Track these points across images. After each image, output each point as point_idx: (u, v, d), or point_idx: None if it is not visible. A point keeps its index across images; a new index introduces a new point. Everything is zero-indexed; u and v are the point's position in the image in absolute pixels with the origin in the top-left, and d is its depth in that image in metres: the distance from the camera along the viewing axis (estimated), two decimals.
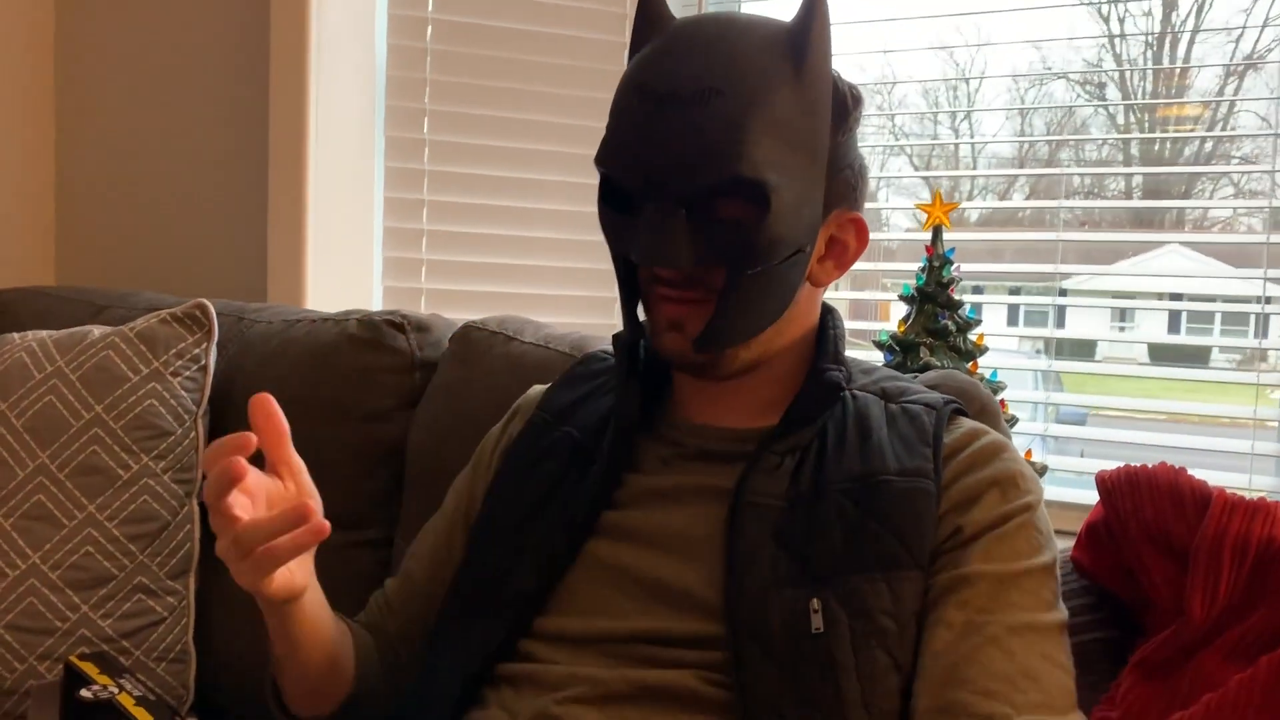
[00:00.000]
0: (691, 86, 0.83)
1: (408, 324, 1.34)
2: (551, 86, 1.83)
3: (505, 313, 1.41)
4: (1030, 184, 2.33)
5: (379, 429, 1.30)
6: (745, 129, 0.82)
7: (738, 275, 0.86)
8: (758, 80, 0.83)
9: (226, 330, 1.42)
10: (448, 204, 1.83)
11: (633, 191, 0.87)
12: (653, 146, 0.84)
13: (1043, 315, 3.69)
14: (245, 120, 1.76)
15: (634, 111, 0.85)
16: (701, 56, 0.84)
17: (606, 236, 0.93)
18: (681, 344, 0.90)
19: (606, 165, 0.89)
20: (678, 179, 0.84)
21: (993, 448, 0.92)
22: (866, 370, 1.02)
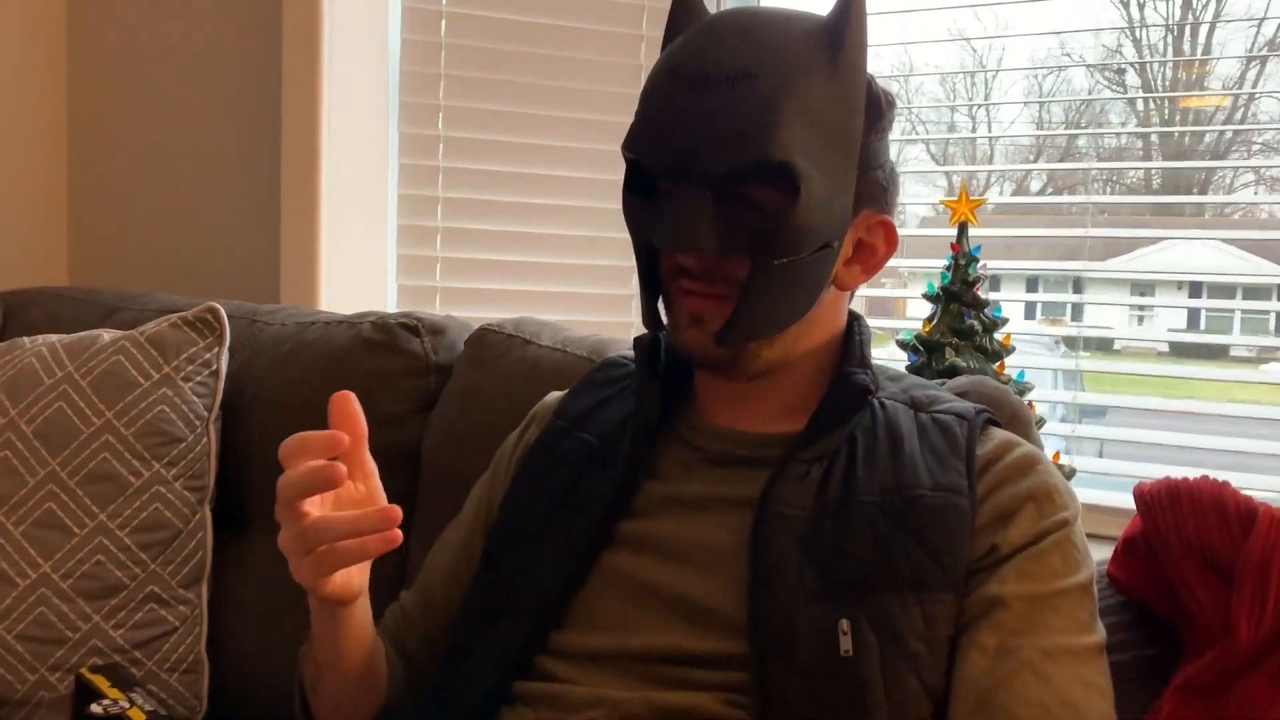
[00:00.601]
0: (723, 70, 0.81)
1: (422, 327, 1.31)
2: (567, 81, 1.79)
3: (522, 311, 1.38)
4: (1048, 173, 2.29)
5: (394, 433, 1.28)
6: (777, 111, 0.80)
7: (763, 265, 0.83)
8: (791, 66, 0.81)
9: (238, 333, 1.40)
10: (463, 200, 1.81)
11: (658, 174, 0.86)
12: (681, 127, 0.81)
13: (1060, 308, 3.65)
14: (257, 120, 1.74)
15: (664, 95, 0.83)
16: (735, 42, 0.82)
17: (629, 225, 0.91)
18: (702, 339, 0.87)
19: (634, 149, 0.86)
20: (705, 160, 0.81)
21: (1027, 460, 0.88)
22: (894, 377, 0.99)
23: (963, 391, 1.06)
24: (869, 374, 0.92)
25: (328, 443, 0.75)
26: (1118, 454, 1.84)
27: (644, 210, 0.88)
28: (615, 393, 1.02)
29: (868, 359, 0.94)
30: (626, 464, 0.92)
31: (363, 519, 0.75)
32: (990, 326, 1.55)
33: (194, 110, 1.79)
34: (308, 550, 0.74)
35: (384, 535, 0.74)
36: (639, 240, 0.90)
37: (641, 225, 0.89)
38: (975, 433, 0.90)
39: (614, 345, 1.24)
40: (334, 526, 0.74)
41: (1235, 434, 1.65)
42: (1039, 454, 0.90)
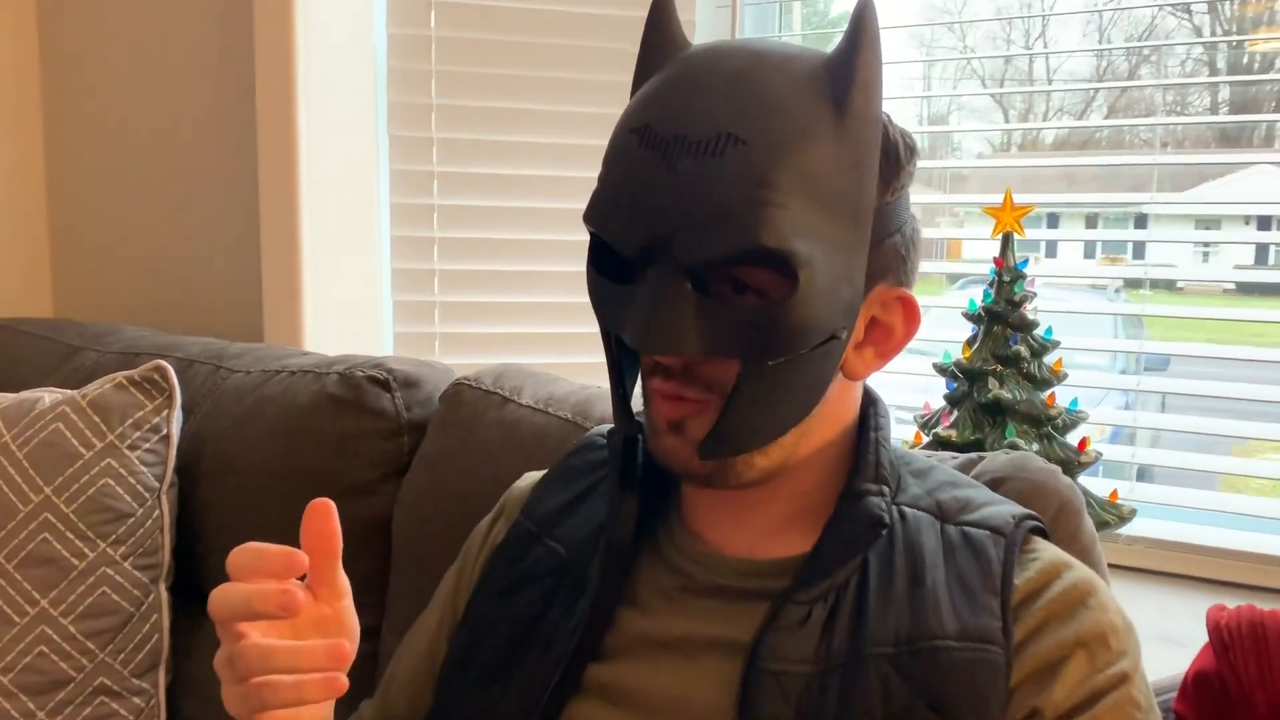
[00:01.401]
0: (704, 131, 0.65)
1: (393, 380, 1.17)
2: (568, 104, 1.64)
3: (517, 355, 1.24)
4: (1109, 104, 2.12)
5: (362, 504, 1.15)
6: (770, 186, 0.64)
7: (755, 367, 0.68)
8: (789, 126, 0.66)
9: (201, 381, 1.28)
10: (460, 240, 1.68)
11: (627, 257, 0.70)
12: (652, 203, 0.66)
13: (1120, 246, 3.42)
14: (234, 145, 1.60)
15: (632, 159, 0.68)
16: (719, 95, 0.67)
17: (595, 307, 0.76)
18: (683, 449, 0.72)
19: (596, 224, 0.71)
20: (683, 246, 0.66)
21: (1077, 593, 0.72)
22: (919, 472, 0.83)
23: (1002, 478, 0.90)
24: (885, 491, 0.76)
25: (286, 563, 0.64)
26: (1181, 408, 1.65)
27: (612, 294, 0.73)
28: (590, 487, 0.88)
29: (883, 465, 0.78)
30: (597, 594, 0.78)
31: (305, 654, 0.63)
32: (1039, 351, 1.37)
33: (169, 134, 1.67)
34: (239, 679, 0.64)
35: (327, 678, 0.62)
36: (606, 325, 0.76)
37: (609, 311, 0.74)
38: (1014, 554, 0.74)
39: (600, 404, 1.09)
40: (270, 657, 0.63)
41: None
42: (1091, 580, 0.74)
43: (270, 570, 0.64)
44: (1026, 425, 1.34)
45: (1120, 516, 1.33)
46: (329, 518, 0.69)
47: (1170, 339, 1.60)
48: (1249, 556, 1.44)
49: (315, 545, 0.69)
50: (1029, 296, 1.37)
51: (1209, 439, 1.51)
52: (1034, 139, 2.57)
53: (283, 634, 0.68)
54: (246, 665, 0.63)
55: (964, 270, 2.09)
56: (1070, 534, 0.87)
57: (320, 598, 0.71)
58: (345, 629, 0.72)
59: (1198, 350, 1.58)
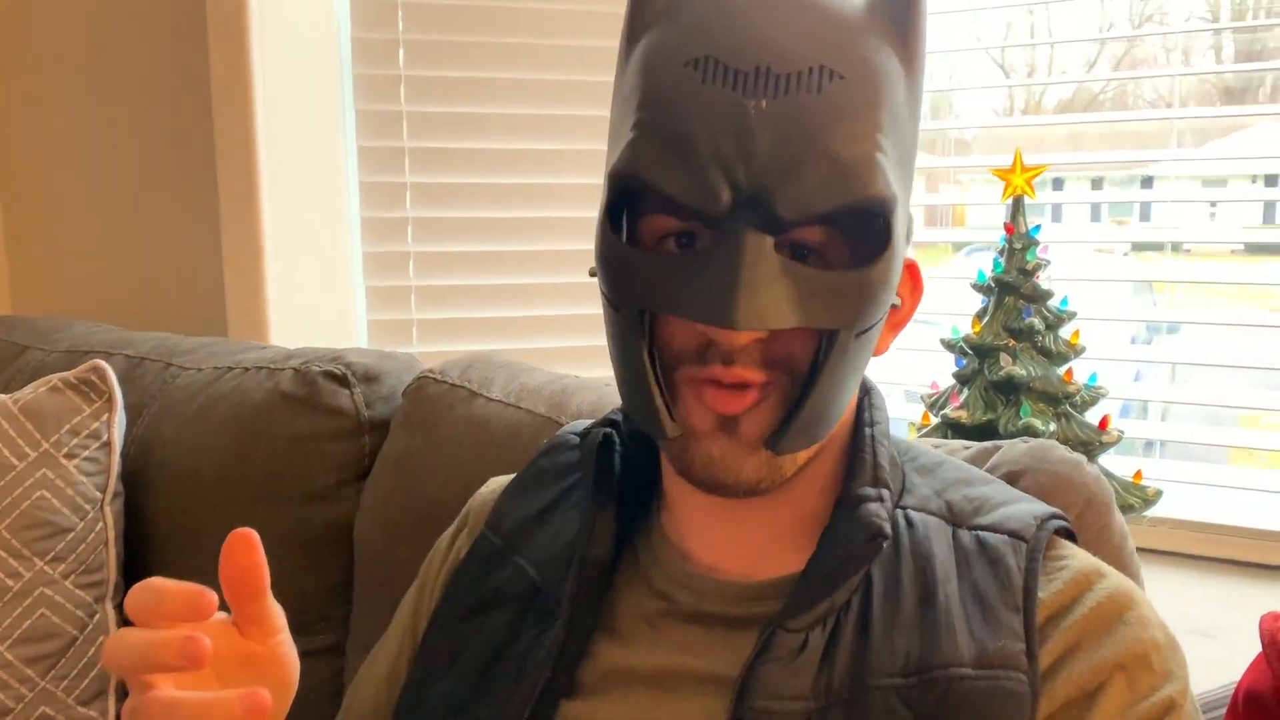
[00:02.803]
0: (795, 62, 0.56)
1: (352, 375, 1.08)
2: (551, 72, 1.53)
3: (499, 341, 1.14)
4: (1111, 66, 2.03)
5: (322, 510, 1.06)
6: (878, 129, 0.57)
7: (843, 339, 0.59)
8: (877, 62, 0.58)
9: (149, 381, 1.18)
10: (433, 219, 1.58)
11: (702, 214, 0.57)
12: (743, 149, 0.55)
13: (1127, 209, 3.32)
14: (192, 139, 1.49)
15: (698, 97, 0.56)
16: (795, 20, 0.57)
17: (619, 288, 0.61)
18: (737, 452, 0.60)
19: (656, 178, 0.57)
20: (789, 198, 0.55)
21: (1113, 607, 0.63)
22: (926, 469, 0.73)
23: (1020, 470, 0.80)
24: (885, 496, 0.66)
25: (192, 604, 0.53)
26: (1191, 378, 1.58)
27: (654, 267, 0.60)
28: (562, 494, 0.78)
29: (882, 463, 0.67)
30: (569, 625, 0.68)
31: (217, 707, 0.53)
32: (1054, 323, 1.27)
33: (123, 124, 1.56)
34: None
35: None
36: (648, 305, 0.60)
37: (648, 287, 0.59)
38: (1037, 562, 0.64)
39: (577, 396, 1.00)
40: (174, 712, 0.53)
41: None
42: (1129, 591, 0.64)
43: (173, 614, 0.53)
44: (1043, 404, 1.24)
45: (1145, 499, 1.23)
46: (251, 550, 0.58)
47: (1178, 303, 1.51)
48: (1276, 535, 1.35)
49: (238, 581, 0.58)
50: (1042, 264, 1.27)
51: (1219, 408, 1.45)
52: (1037, 103, 2.48)
53: (202, 681, 0.59)
54: (152, 714, 0.53)
55: (969, 238, 2.00)
56: (1099, 532, 0.78)
57: (249, 636, 0.61)
58: (280, 668, 0.62)
59: (1217, 317, 1.50)
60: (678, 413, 0.61)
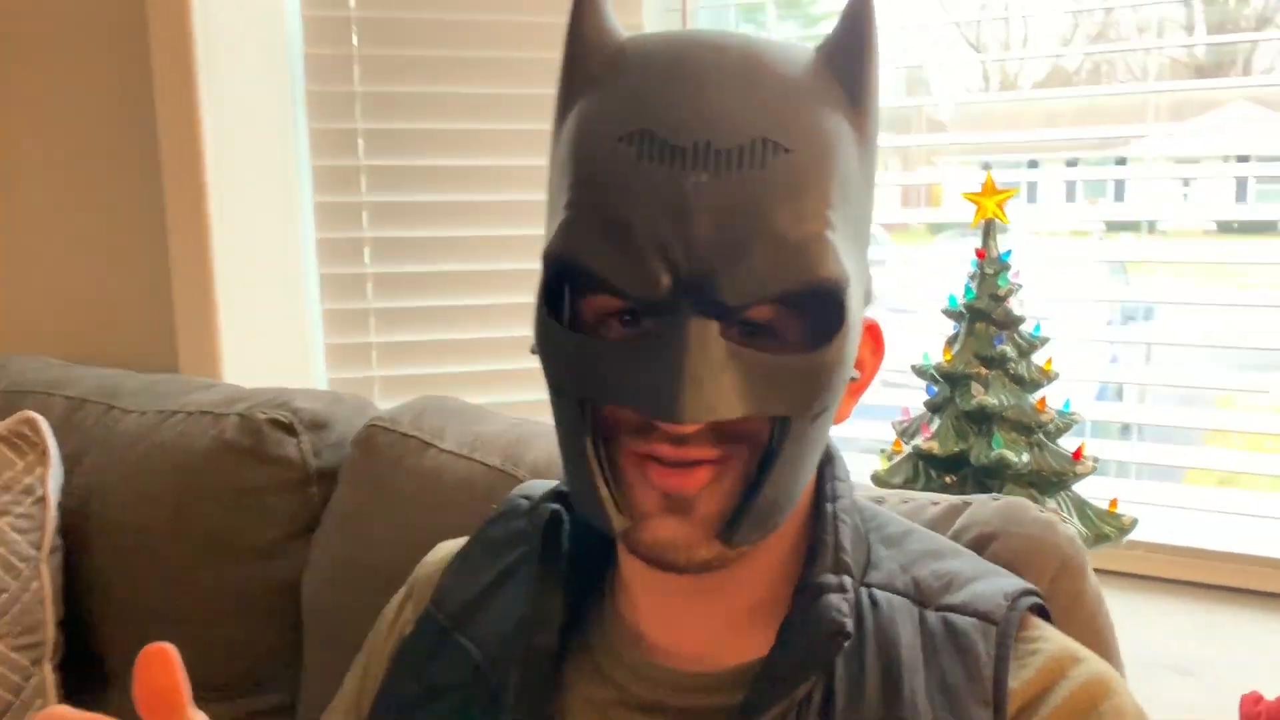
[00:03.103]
0: (736, 136, 0.52)
1: (299, 422, 1.04)
2: (515, 87, 1.49)
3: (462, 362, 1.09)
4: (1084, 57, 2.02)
5: (267, 567, 1.01)
6: (826, 205, 0.53)
7: (798, 425, 0.55)
8: (824, 129, 0.55)
9: (90, 426, 1.14)
10: (392, 239, 1.53)
11: (642, 301, 0.54)
12: (683, 231, 0.51)
13: (1101, 189, 3.30)
14: (137, 169, 1.43)
15: (634, 175, 0.52)
16: (737, 89, 0.53)
17: (559, 376, 0.58)
18: (690, 535, 0.56)
19: (593, 263, 0.53)
20: (731, 284, 0.52)
21: (1087, 695, 0.60)
22: (893, 539, 0.69)
23: (990, 534, 0.77)
24: (846, 584, 0.62)
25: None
26: (1165, 359, 1.57)
27: (591, 354, 0.56)
28: (511, 567, 0.74)
29: (844, 545, 0.64)
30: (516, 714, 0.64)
31: None
32: (1027, 349, 1.24)
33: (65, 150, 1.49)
34: None
35: None
36: (588, 395, 0.57)
37: (588, 375, 0.56)
38: (1007, 649, 0.61)
39: (533, 446, 0.96)
40: None
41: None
42: (1104, 679, 0.61)
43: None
44: (1015, 433, 1.21)
45: (1120, 528, 1.20)
46: (169, 669, 0.53)
47: (1153, 284, 1.50)
48: (1256, 560, 1.33)
49: (153, 702, 0.54)
50: (1015, 289, 1.24)
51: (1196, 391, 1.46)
52: (1012, 82, 2.46)
53: None
54: None
55: (946, 219, 1.98)
56: (1073, 598, 0.75)
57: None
58: None
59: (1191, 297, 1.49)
60: (624, 497, 0.58)
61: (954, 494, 1.20)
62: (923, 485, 1.23)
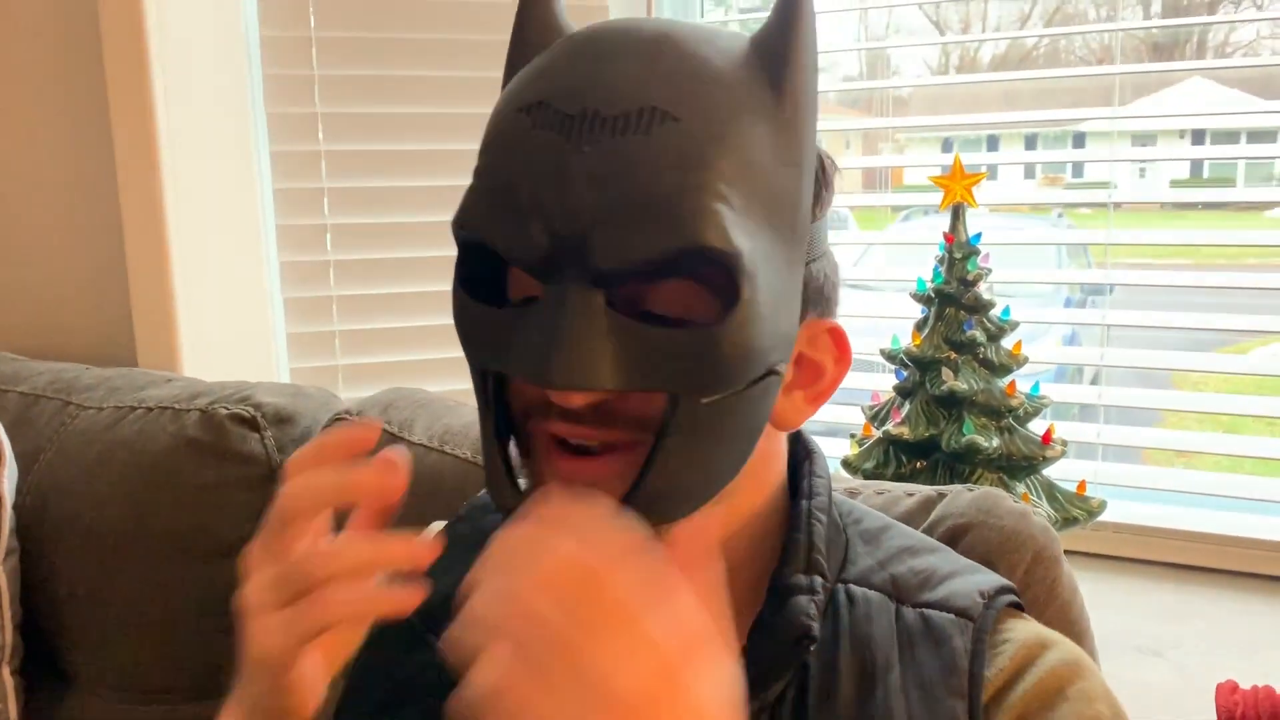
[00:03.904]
0: (624, 104, 0.51)
1: (262, 417, 1.01)
2: (478, 106, 1.45)
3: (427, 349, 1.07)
4: (1044, 21, 2.05)
5: (233, 567, 0.97)
6: (713, 173, 0.51)
7: (687, 406, 0.54)
8: (726, 100, 0.53)
9: (45, 423, 1.10)
10: (354, 225, 1.50)
11: (524, 267, 0.54)
12: (561, 196, 0.51)
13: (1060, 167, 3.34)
14: (86, 142, 1.39)
15: (526, 143, 0.53)
16: (636, 62, 0.53)
17: (464, 340, 0.59)
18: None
19: (479, 229, 0.55)
20: (604, 246, 0.51)
21: (1055, 679, 0.60)
22: (871, 536, 0.69)
23: (965, 525, 0.77)
24: (817, 585, 0.61)
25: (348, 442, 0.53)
26: (1124, 340, 1.58)
27: (492, 322, 0.56)
28: None
29: (817, 545, 0.63)
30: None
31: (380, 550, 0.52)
32: (996, 334, 1.24)
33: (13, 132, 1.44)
34: (284, 599, 0.51)
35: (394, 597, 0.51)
36: (480, 361, 0.58)
37: (487, 343, 0.57)
38: (983, 644, 0.61)
39: None
40: (332, 559, 0.51)
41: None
42: (1075, 663, 0.61)
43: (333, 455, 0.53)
44: (985, 418, 1.21)
45: (1089, 511, 1.22)
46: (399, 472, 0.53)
47: (1108, 260, 1.50)
48: (1220, 539, 1.35)
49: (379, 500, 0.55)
50: (984, 273, 1.24)
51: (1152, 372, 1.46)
52: (973, 60, 2.47)
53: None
54: (304, 574, 0.50)
55: (907, 201, 1.98)
56: (1049, 587, 0.75)
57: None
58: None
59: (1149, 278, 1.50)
60: (532, 482, 0.58)
61: (924, 479, 1.21)
62: (893, 470, 1.23)
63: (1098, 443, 1.44)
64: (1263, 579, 1.31)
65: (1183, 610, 1.25)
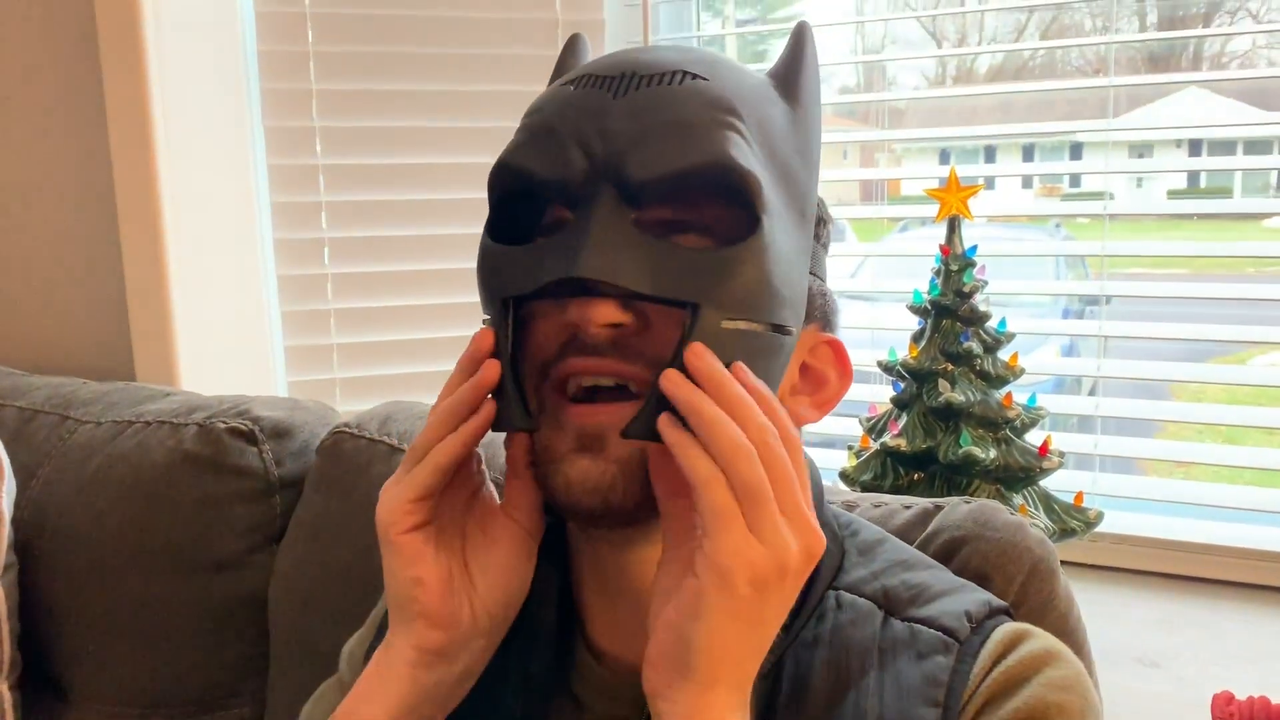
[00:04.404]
0: (659, 67, 0.58)
1: (260, 430, 1.02)
2: (478, 119, 1.47)
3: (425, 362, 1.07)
4: (1040, 31, 2.05)
5: (232, 579, 0.99)
6: (734, 114, 0.58)
7: (708, 323, 0.55)
8: (747, 81, 0.61)
9: (44, 438, 1.11)
10: (352, 239, 1.50)
11: (555, 192, 0.58)
12: (594, 125, 0.56)
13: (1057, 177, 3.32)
14: (86, 156, 1.40)
15: (569, 98, 0.59)
16: (670, 52, 0.60)
17: (487, 280, 0.60)
18: (599, 472, 0.56)
19: (520, 161, 0.58)
20: (633, 162, 0.55)
21: (1022, 668, 0.60)
22: (867, 548, 0.69)
23: (962, 537, 0.77)
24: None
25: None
26: (1122, 351, 1.58)
27: (518, 257, 0.58)
28: None
29: None
30: None
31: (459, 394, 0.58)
32: (992, 346, 1.25)
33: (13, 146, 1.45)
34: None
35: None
36: (506, 290, 0.58)
37: (512, 275, 0.58)
38: (967, 665, 0.61)
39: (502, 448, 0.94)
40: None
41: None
42: (1051, 652, 0.61)
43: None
44: (982, 429, 1.21)
45: (1087, 522, 1.22)
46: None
47: (1104, 271, 1.50)
48: (1218, 550, 1.35)
49: None
50: (980, 286, 1.24)
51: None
52: (969, 70, 2.48)
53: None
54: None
55: (905, 213, 1.98)
56: (1044, 600, 0.75)
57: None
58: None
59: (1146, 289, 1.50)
60: (542, 438, 0.59)
61: (922, 490, 1.21)
62: (891, 482, 1.24)
63: (1095, 454, 1.44)
64: (1261, 589, 1.31)
65: (1180, 621, 1.25)
